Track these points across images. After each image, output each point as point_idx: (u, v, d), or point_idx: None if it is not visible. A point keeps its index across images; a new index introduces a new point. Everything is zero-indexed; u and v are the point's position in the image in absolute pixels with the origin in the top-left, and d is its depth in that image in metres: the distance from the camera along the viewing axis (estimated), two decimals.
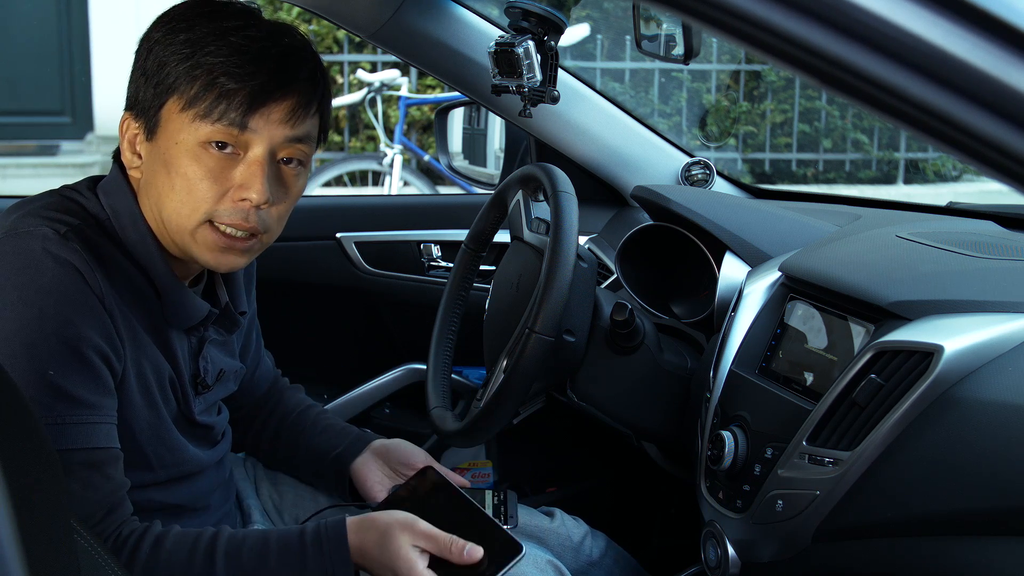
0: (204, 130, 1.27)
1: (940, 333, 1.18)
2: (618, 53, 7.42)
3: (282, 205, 1.34)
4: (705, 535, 1.43)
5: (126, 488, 1.29)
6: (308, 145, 1.34)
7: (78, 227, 1.27)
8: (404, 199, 3.92)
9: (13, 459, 0.77)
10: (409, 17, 1.93)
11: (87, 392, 1.23)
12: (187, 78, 1.26)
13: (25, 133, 7.59)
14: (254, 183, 1.28)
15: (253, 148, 1.29)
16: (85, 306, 1.23)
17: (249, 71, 1.26)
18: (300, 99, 1.30)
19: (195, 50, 1.26)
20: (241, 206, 1.29)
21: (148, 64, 1.30)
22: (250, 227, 1.30)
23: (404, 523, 1.33)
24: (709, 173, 2.14)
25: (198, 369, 1.42)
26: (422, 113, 7.16)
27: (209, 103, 1.26)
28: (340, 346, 2.38)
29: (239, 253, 1.32)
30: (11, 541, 0.61)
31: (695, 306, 1.75)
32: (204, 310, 1.39)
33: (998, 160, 0.67)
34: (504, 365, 1.52)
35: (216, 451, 1.49)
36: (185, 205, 1.28)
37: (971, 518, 1.15)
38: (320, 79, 1.34)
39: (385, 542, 1.31)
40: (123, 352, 1.28)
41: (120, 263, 1.30)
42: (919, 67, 0.65)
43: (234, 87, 1.26)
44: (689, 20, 0.71)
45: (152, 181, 1.31)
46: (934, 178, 8.03)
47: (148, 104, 1.30)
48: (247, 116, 1.27)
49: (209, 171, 1.28)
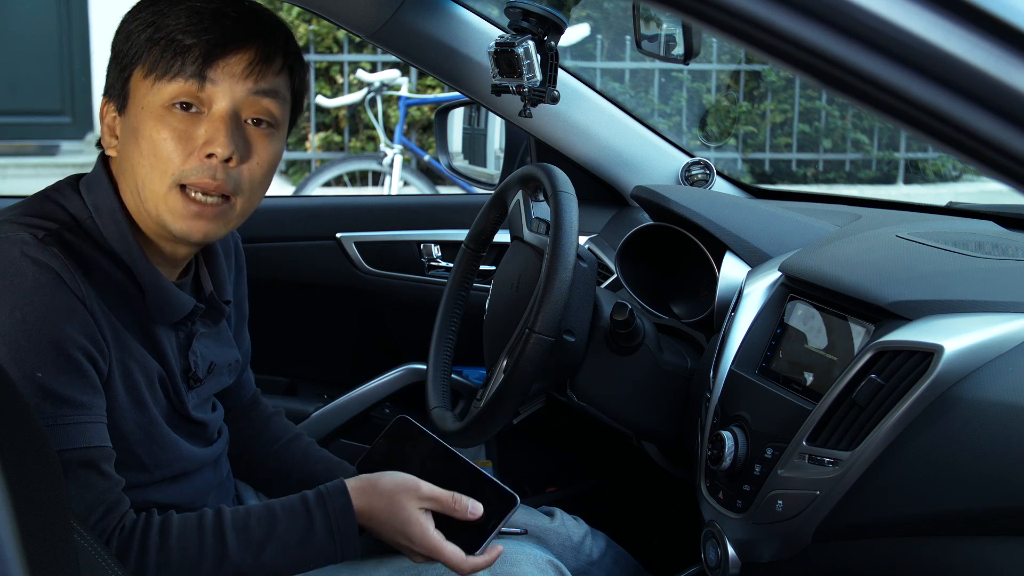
0: (166, 90, 1.28)
1: (940, 333, 1.18)
2: (618, 53, 7.42)
3: (254, 166, 1.33)
4: (705, 535, 1.43)
5: (122, 485, 1.29)
6: (275, 103, 1.33)
7: (56, 231, 1.28)
8: (404, 199, 3.92)
9: (13, 459, 0.77)
10: (409, 17, 1.93)
11: (76, 392, 1.24)
12: (148, 45, 1.28)
13: (25, 133, 7.59)
14: (218, 136, 1.28)
15: (216, 104, 1.29)
16: (67, 308, 1.24)
17: (205, 26, 1.27)
18: (260, 51, 1.30)
19: (156, 19, 1.29)
20: (208, 163, 1.29)
21: (116, 46, 1.32)
22: (218, 185, 1.29)
23: (408, 488, 1.36)
24: (709, 173, 2.14)
25: (188, 363, 1.42)
26: (422, 113, 7.16)
27: (167, 62, 1.27)
28: (340, 346, 2.38)
29: (210, 219, 1.31)
30: (11, 541, 0.61)
31: (695, 306, 1.75)
32: (189, 305, 1.39)
33: (998, 160, 0.67)
34: (504, 365, 1.52)
35: (212, 449, 1.49)
36: (155, 169, 1.29)
37: (971, 518, 1.15)
38: (282, 35, 1.34)
39: (394, 508, 1.34)
40: (108, 353, 1.28)
41: (101, 264, 1.31)
42: (919, 67, 0.65)
43: (191, 42, 1.27)
44: (689, 20, 0.71)
45: (125, 154, 1.32)
46: (934, 178, 8.03)
47: (115, 80, 1.32)
48: (205, 68, 1.27)
49: (174, 131, 1.28)
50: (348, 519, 1.33)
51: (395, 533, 1.34)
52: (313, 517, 1.33)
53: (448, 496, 1.36)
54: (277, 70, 1.33)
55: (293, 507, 1.34)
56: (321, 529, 1.32)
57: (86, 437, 1.24)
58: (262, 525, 1.32)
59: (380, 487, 1.36)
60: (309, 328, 2.34)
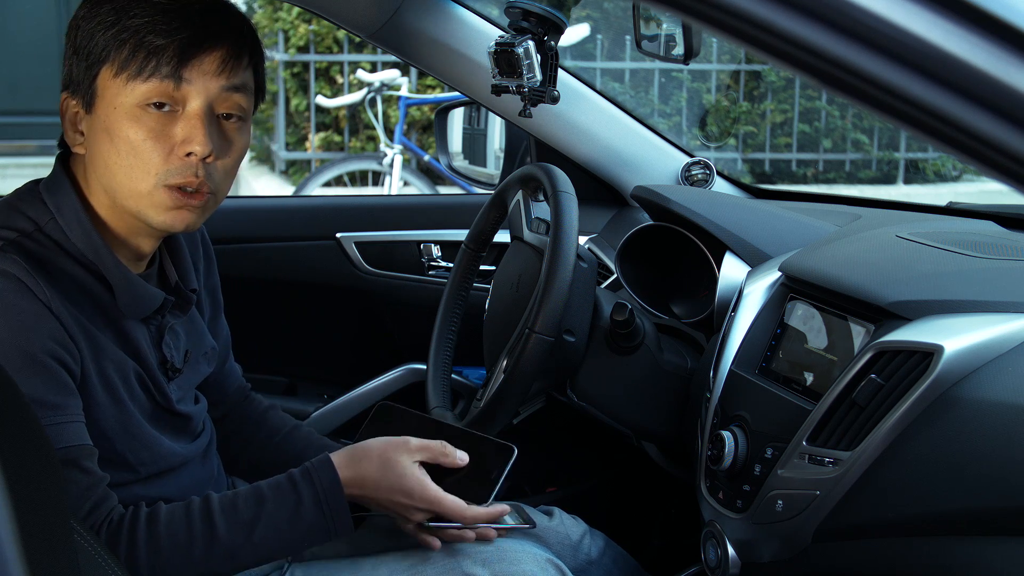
0: (139, 90, 1.28)
1: (940, 333, 1.18)
2: (618, 53, 7.42)
3: (228, 160, 1.35)
4: (705, 535, 1.43)
5: (107, 481, 1.30)
6: (244, 96, 1.36)
7: (15, 240, 1.29)
8: (404, 199, 3.92)
9: (13, 459, 0.77)
10: (409, 17, 1.93)
11: (49, 394, 1.24)
12: (116, 43, 1.28)
13: (25, 133, 7.59)
14: (196, 135, 1.30)
15: (190, 102, 1.30)
16: (33, 314, 1.24)
17: (175, 26, 1.28)
18: (231, 49, 1.32)
19: (120, 16, 1.29)
20: (188, 161, 1.30)
21: (78, 41, 1.32)
22: (200, 182, 1.32)
23: (397, 444, 1.37)
24: (709, 173, 2.14)
25: (164, 355, 1.43)
26: (422, 113, 7.16)
27: (140, 62, 1.28)
28: (340, 346, 2.38)
29: (192, 210, 1.33)
30: (11, 541, 0.61)
31: (695, 306, 1.75)
32: (159, 298, 1.40)
33: (998, 160, 0.67)
34: (504, 365, 1.52)
35: (197, 444, 1.49)
36: (135, 169, 1.30)
37: (971, 518, 1.15)
38: (247, 31, 1.36)
39: (387, 467, 1.35)
40: (79, 354, 1.29)
41: (64, 267, 1.31)
42: (919, 67, 0.65)
43: (163, 42, 1.28)
44: (689, 20, 0.71)
45: (97, 152, 1.32)
46: (934, 178, 8.03)
47: (82, 78, 1.32)
48: (180, 68, 1.29)
49: (151, 131, 1.29)
50: (336, 492, 1.34)
51: (391, 492, 1.35)
52: (301, 492, 1.33)
53: (437, 444, 1.38)
54: (245, 65, 1.35)
55: (280, 485, 1.35)
56: (310, 503, 1.33)
57: (64, 437, 1.25)
58: (250, 505, 1.33)
59: (368, 450, 1.37)
60: (309, 328, 2.34)
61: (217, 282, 1.63)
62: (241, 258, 2.22)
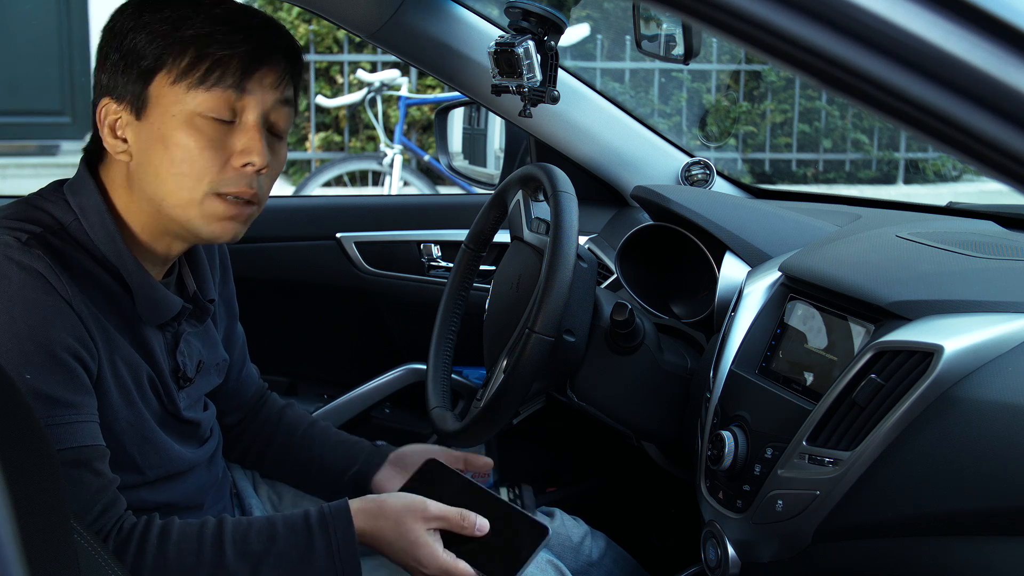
0: (200, 98, 1.29)
1: (940, 333, 1.18)
2: (618, 53, 7.42)
3: (274, 171, 1.37)
4: (705, 535, 1.43)
5: (116, 484, 1.29)
6: (291, 110, 1.38)
7: (40, 234, 1.28)
8: (404, 199, 3.92)
9: (13, 459, 0.77)
10: (409, 17, 1.93)
11: (66, 392, 1.24)
12: (175, 52, 1.29)
13: (25, 133, 7.59)
14: (255, 146, 1.31)
15: (247, 113, 1.31)
16: (54, 309, 1.24)
17: (237, 39, 1.30)
18: (287, 64, 1.35)
19: (177, 26, 1.29)
20: (244, 172, 1.32)
21: (124, 47, 1.31)
22: (253, 193, 1.33)
23: (415, 508, 1.35)
24: (709, 173, 2.14)
25: (177, 363, 1.42)
26: (422, 113, 7.16)
27: (203, 71, 1.28)
28: (340, 346, 2.38)
29: (240, 221, 1.35)
30: (11, 541, 0.61)
31: (695, 306, 1.75)
32: (178, 305, 1.40)
33: (998, 160, 0.67)
34: (504, 365, 1.52)
35: (204, 450, 1.49)
36: (188, 177, 1.30)
37: (971, 518, 1.15)
38: (297, 49, 1.39)
39: (401, 530, 1.34)
40: (97, 352, 1.28)
41: (86, 266, 1.31)
42: (919, 67, 0.65)
43: (227, 53, 1.29)
44: (689, 20, 0.71)
45: (147, 160, 1.32)
46: (934, 178, 8.03)
47: (132, 85, 1.31)
48: (244, 80, 1.30)
49: (209, 140, 1.30)
50: (350, 542, 1.33)
51: (404, 555, 1.34)
52: (314, 537, 1.32)
53: (455, 513, 1.36)
54: (293, 79, 1.37)
55: (295, 526, 1.33)
56: (322, 550, 1.32)
57: (78, 436, 1.24)
58: (262, 539, 1.31)
59: (386, 509, 1.36)
60: (309, 328, 2.34)
61: (233, 291, 1.64)
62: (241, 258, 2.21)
